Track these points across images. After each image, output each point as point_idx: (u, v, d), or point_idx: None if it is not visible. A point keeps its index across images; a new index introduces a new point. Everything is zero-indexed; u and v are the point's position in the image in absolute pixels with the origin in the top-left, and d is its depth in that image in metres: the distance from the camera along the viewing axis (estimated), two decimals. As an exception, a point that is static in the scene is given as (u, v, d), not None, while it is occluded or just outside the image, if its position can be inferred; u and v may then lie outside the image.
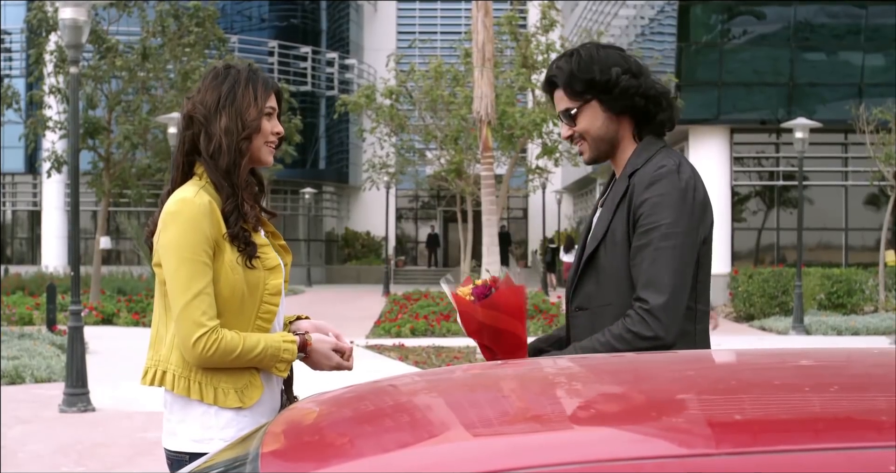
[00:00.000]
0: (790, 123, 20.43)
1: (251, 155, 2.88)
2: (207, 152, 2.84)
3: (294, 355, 2.85)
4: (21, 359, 12.79)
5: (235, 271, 2.79)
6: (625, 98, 2.84)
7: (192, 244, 2.74)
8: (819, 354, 2.22)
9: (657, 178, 2.75)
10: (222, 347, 2.73)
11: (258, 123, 2.86)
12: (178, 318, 2.75)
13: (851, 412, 1.51)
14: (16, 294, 24.33)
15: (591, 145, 2.92)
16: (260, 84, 2.89)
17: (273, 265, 2.87)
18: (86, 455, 8.21)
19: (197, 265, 2.74)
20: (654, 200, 2.72)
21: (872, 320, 19.32)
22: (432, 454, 1.42)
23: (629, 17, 32.06)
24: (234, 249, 2.80)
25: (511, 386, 1.89)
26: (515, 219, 50.46)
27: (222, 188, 2.82)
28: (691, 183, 2.77)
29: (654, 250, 2.68)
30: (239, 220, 2.81)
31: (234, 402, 2.80)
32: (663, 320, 2.63)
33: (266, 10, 43.63)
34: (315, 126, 43.04)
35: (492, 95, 14.91)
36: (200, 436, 2.82)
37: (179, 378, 2.80)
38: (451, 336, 18.07)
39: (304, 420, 1.81)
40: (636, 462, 1.28)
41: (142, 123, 23.48)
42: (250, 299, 2.82)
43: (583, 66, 2.85)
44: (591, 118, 2.88)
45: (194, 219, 2.75)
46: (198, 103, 2.87)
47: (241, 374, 2.82)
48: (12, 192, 42.99)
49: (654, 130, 2.90)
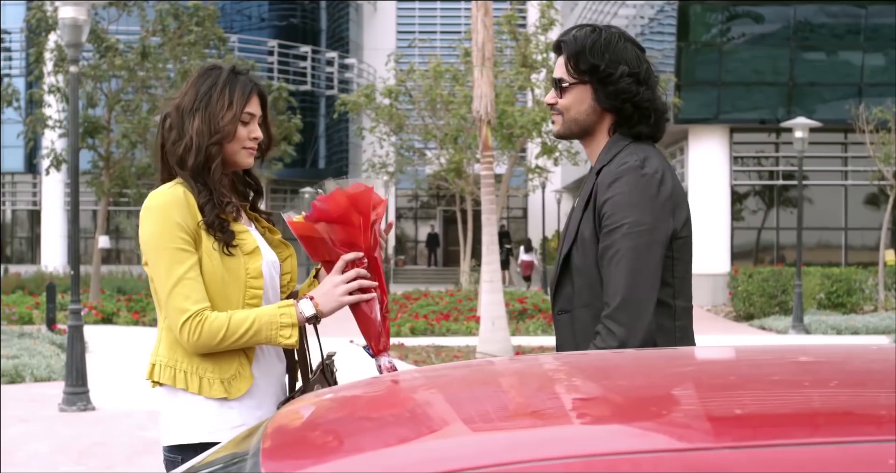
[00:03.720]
0: (790, 123, 20.44)
1: (225, 159, 2.85)
2: (176, 154, 2.82)
3: (293, 317, 2.75)
4: (21, 358, 12.80)
5: (212, 257, 2.75)
6: (615, 99, 2.80)
7: (165, 234, 2.72)
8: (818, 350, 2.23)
9: (619, 175, 2.70)
10: (206, 327, 2.68)
11: (232, 128, 2.82)
12: (166, 308, 2.72)
13: (850, 406, 1.51)
14: (16, 294, 24.33)
15: (565, 123, 2.89)
16: (238, 89, 2.84)
17: (251, 249, 2.83)
18: (85, 454, 8.22)
19: (174, 253, 2.71)
20: (616, 199, 2.67)
21: (872, 319, 19.33)
22: (433, 449, 1.42)
23: (629, 16, 32.06)
24: (209, 236, 2.77)
25: (510, 382, 1.90)
26: (515, 218, 50.46)
27: (192, 187, 2.80)
28: (657, 178, 2.70)
29: (615, 252, 2.64)
30: (214, 209, 2.78)
31: (219, 392, 2.74)
32: (622, 321, 2.60)
33: (266, 9, 43.64)
34: (314, 125, 43.06)
35: (491, 95, 14.91)
36: (185, 426, 2.77)
37: (165, 368, 2.77)
38: (451, 336, 18.08)
39: (305, 417, 1.81)
40: (634, 456, 1.28)
41: (141, 122, 23.49)
42: (234, 284, 2.78)
43: (596, 49, 2.80)
44: (578, 100, 2.85)
45: (164, 209, 2.73)
46: (175, 107, 2.87)
47: (230, 363, 2.76)
48: (12, 191, 42.99)
49: (629, 135, 2.84)
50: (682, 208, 2.77)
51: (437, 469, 1.29)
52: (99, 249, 24.68)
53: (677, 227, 2.74)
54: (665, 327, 2.71)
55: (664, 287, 2.71)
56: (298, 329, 2.77)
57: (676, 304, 2.76)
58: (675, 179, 2.79)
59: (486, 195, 15.05)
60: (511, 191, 33.16)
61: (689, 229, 2.79)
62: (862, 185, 27.61)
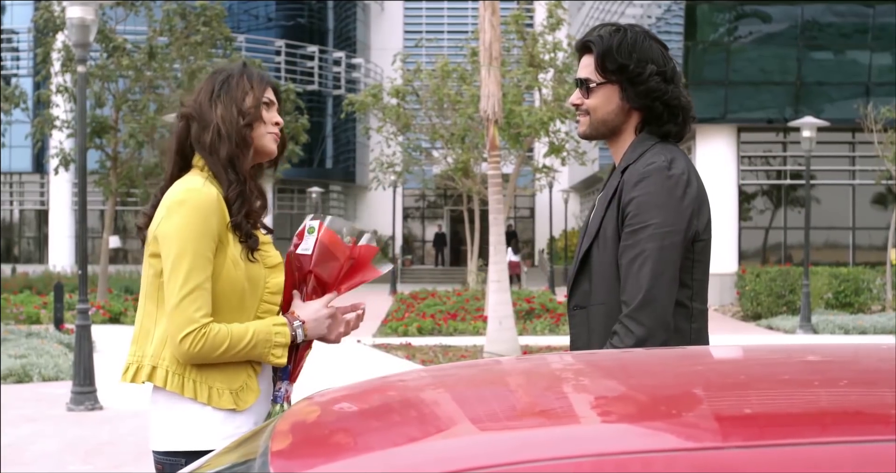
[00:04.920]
0: (797, 122, 20.40)
1: (255, 145, 2.81)
2: (205, 142, 2.76)
3: (287, 337, 2.74)
4: (28, 358, 12.82)
5: (238, 266, 2.71)
6: (646, 98, 2.79)
7: (197, 236, 2.65)
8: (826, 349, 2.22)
9: (645, 175, 2.69)
10: (209, 342, 2.63)
11: (256, 112, 2.79)
12: (172, 311, 2.64)
13: (859, 406, 1.50)
14: (23, 293, 24.38)
15: (592, 124, 2.87)
16: (255, 76, 2.83)
17: (274, 263, 2.81)
18: (93, 454, 8.23)
19: (199, 259, 2.64)
20: (642, 198, 2.66)
21: (880, 319, 19.30)
22: (442, 448, 1.42)
23: (636, 16, 32.04)
24: (236, 242, 2.72)
25: (518, 382, 1.90)
26: (522, 218, 50.47)
27: (224, 178, 2.74)
28: (683, 179, 2.70)
29: (639, 252, 2.63)
30: (243, 208, 2.74)
31: (228, 403, 2.70)
32: (643, 321, 2.59)
33: (273, 9, 43.69)
34: (322, 125, 43.10)
35: (499, 94, 14.92)
36: (193, 434, 2.71)
37: (173, 375, 2.69)
38: (459, 335, 18.07)
39: (313, 417, 1.81)
40: (645, 456, 1.28)
41: (148, 122, 23.53)
42: (251, 296, 2.74)
43: (623, 48, 2.78)
44: (606, 100, 2.83)
45: (202, 210, 2.66)
46: (191, 101, 2.83)
47: (238, 375, 2.72)
48: (20, 191, 43.10)
49: (657, 134, 2.83)
50: (704, 211, 2.77)
51: (447, 468, 1.29)
52: (107, 248, 24.72)
53: (699, 229, 2.74)
54: (681, 328, 2.71)
55: (683, 289, 2.71)
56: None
57: (693, 306, 2.76)
58: (700, 180, 2.79)
59: (494, 195, 15.05)
60: (518, 191, 33.15)
61: (710, 232, 2.79)
62: (870, 184, 27.56)
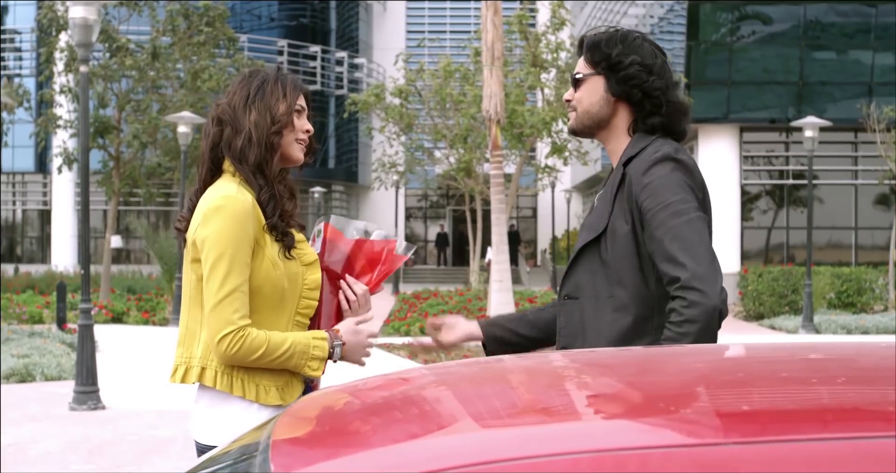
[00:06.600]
0: (800, 122, 20.39)
1: (282, 151, 2.88)
2: (236, 148, 2.82)
3: (325, 351, 2.82)
4: (31, 357, 12.83)
5: (277, 266, 2.79)
6: (624, 84, 2.80)
7: (234, 241, 2.72)
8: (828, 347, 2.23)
9: (655, 161, 2.69)
10: (246, 345, 2.71)
11: (288, 119, 2.86)
12: (210, 313, 2.72)
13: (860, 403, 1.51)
14: (26, 293, 24.40)
15: (578, 116, 2.90)
16: (289, 82, 2.89)
17: (311, 260, 2.89)
18: (96, 453, 8.23)
19: (236, 263, 2.72)
20: (656, 183, 2.66)
21: (882, 319, 19.30)
22: (442, 445, 1.43)
23: (639, 16, 32.05)
24: (273, 242, 2.80)
25: (520, 379, 1.90)
26: (525, 218, 50.47)
27: (254, 183, 2.81)
28: (691, 165, 2.73)
29: (666, 230, 2.59)
30: (276, 210, 2.81)
31: (276, 399, 2.79)
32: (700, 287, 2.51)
33: (275, 9, 43.74)
34: (324, 125, 43.15)
35: (501, 94, 14.93)
36: (241, 431, 2.78)
37: (222, 375, 2.78)
38: (461, 335, 18.05)
39: (315, 411, 1.82)
40: (643, 452, 1.28)
41: (151, 122, 23.55)
42: (291, 293, 2.82)
43: (611, 41, 2.83)
44: (591, 91, 2.86)
45: (238, 216, 2.74)
46: (226, 105, 2.88)
47: (282, 371, 2.81)
48: (23, 191, 43.14)
49: (647, 129, 2.83)
50: (707, 203, 2.79)
51: (447, 464, 1.30)
52: (110, 248, 24.73)
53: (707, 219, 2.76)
54: None
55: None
56: None
57: None
58: (702, 176, 2.81)
59: (496, 195, 15.06)
60: (521, 190, 33.16)
61: (711, 229, 2.79)
62: (872, 184, 27.55)
